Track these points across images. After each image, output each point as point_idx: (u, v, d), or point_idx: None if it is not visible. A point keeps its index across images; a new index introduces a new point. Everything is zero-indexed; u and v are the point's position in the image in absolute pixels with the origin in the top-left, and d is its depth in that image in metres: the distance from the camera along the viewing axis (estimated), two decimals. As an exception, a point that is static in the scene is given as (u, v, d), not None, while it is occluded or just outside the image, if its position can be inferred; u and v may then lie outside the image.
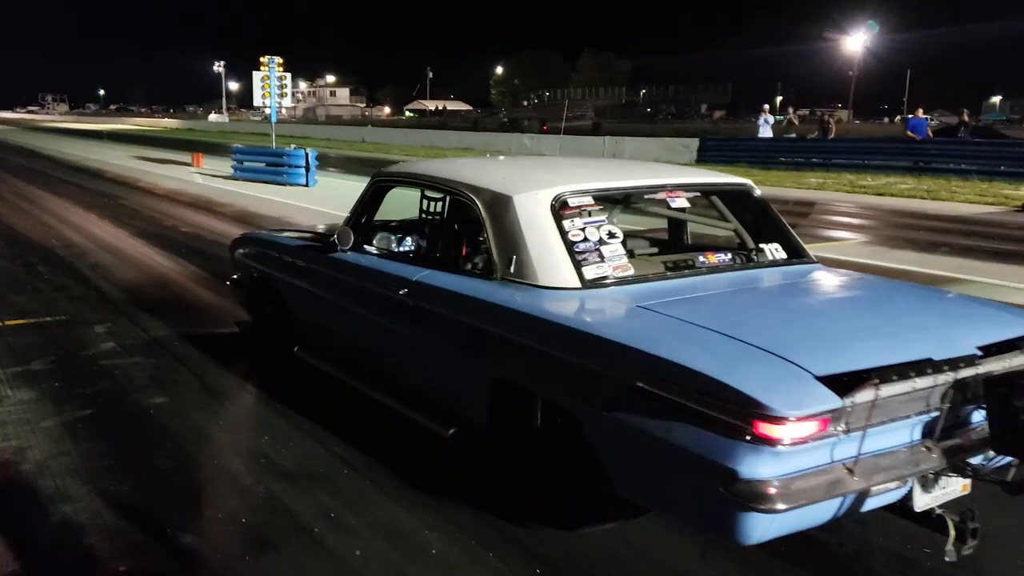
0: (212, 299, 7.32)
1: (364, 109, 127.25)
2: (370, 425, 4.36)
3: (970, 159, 20.81)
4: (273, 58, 20.48)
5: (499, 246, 3.55)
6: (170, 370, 5.28)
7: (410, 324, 3.87)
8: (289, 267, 4.96)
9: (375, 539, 3.24)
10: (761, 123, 26.45)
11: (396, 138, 41.70)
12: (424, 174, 4.30)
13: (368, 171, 22.16)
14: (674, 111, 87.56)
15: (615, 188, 4.01)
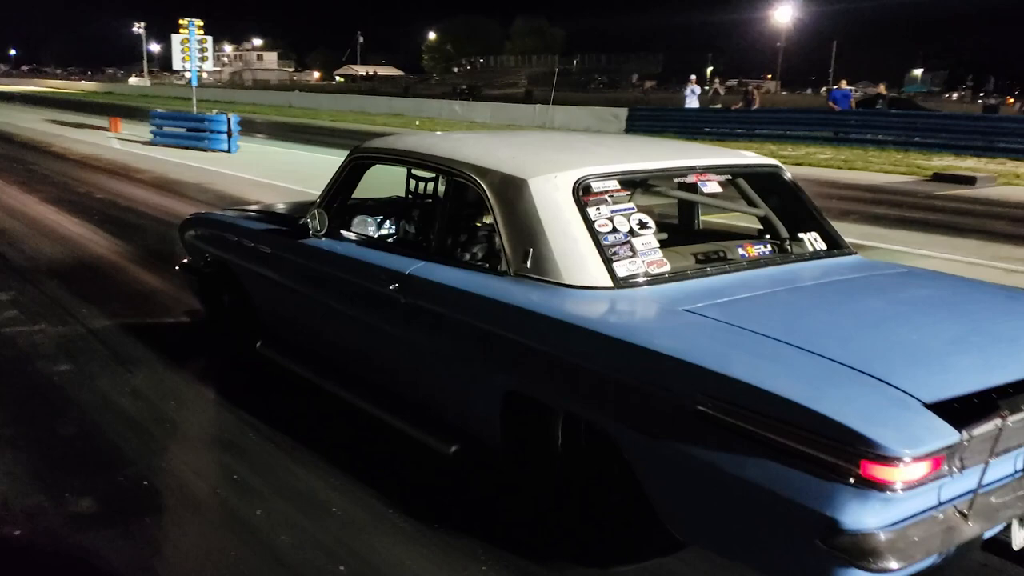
0: (124, 266, 7.18)
1: (292, 74, 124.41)
2: (285, 397, 4.39)
3: (887, 130, 21.53)
4: (193, 20, 19.93)
5: (511, 237, 3.09)
6: (77, 338, 5.20)
7: (401, 324, 3.39)
8: (251, 253, 4.38)
9: (277, 500, 3.29)
10: (688, 93, 26.83)
11: (325, 103, 41.00)
12: (415, 151, 3.79)
13: (295, 137, 22.07)
14: (606, 80, 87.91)
15: (642, 170, 3.46)
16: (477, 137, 4.44)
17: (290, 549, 2.94)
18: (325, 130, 26.04)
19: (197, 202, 10.91)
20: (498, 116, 30.44)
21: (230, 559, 2.88)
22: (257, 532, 3.05)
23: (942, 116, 24.80)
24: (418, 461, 3.55)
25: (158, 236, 8.63)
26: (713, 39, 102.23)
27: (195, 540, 3.02)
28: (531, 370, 2.89)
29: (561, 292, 2.89)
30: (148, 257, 7.56)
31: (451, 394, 3.32)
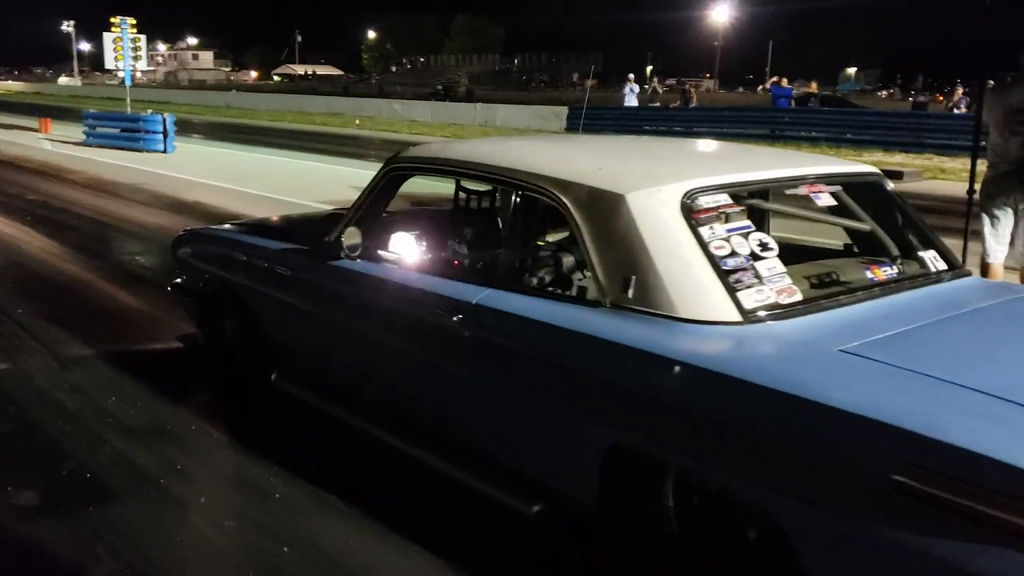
0: (59, 266, 7.10)
1: (229, 73, 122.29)
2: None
3: (820, 127, 22.18)
4: (125, 19, 19.54)
5: (605, 262, 2.63)
6: (12, 337, 5.16)
7: (466, 361, 2.94)
8: (265, 275, 3.88)
9: (220, 487, 3.36)
10: (627, 92, 27.21)
11: (263, 103, 40.46)
12: (469, 160, 3.33)
13: (233, 137, 21.82)
14: (547, 79, 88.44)
15: (752, 181, 2.98)
16: (542, 144, 3.95)
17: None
18: (264, 130, 25.76)
19: (133, 203, 10.78)
20: (439, 115, 30.47)
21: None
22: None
23: (873, 113, 25.69)
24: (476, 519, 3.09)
25: (93, 236, 8.54)
26: (652, 38, 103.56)
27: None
28: (644, 421, 2.44)
29: (680, 328, 2.42)
30: (85, 257, 7.49)
31: (530, 444, 2.83)
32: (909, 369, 2.14)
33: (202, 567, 2.86)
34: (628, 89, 27.16)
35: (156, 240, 8.39)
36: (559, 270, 3.26)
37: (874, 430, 1.93)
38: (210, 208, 10.23)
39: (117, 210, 10.19)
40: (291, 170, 14.95)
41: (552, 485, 2.80)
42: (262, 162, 16.24)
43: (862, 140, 20.62)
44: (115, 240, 8.52)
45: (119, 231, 8.94)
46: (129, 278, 6.78)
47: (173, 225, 9.09)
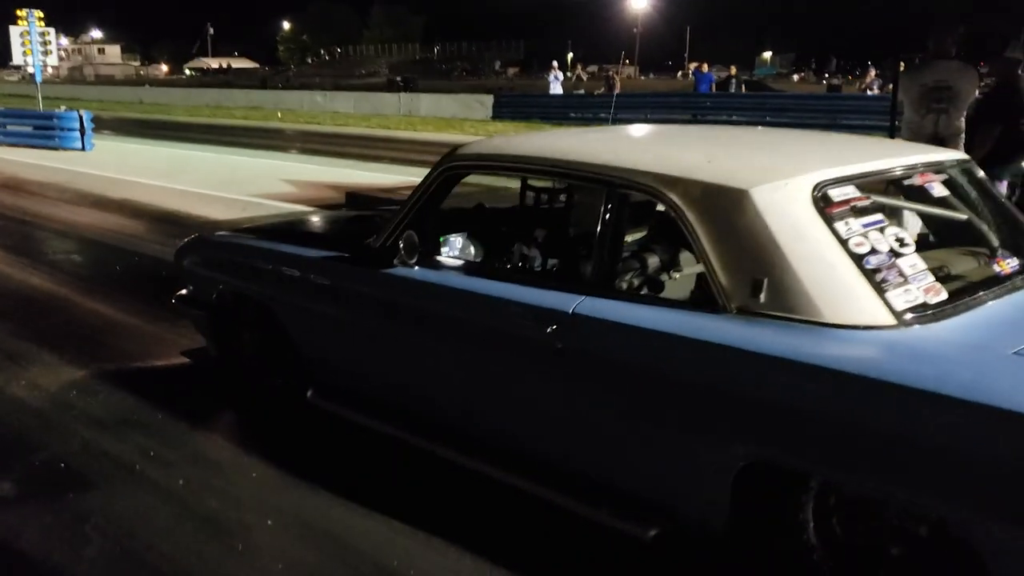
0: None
1: (139, 68, 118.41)
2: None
3: (740, 111, 22.92)
4: (32, 11, 18.86)
5: (728, 264, 2.41)
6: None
7: (560, 376, 2.71)
8: (298, 284, 3.61)
9: (196, 469, 3.45)
10: (552, 79, 27.51)
11: (178, 98, 39.44)
12: (546, 156, 3.05)
13: (150, 133, 21.33)
14: (469, 67, 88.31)
15: (874, 172, 2.76)
16: (627, 137, 3.55)
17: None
18: (182, 125, 25.18)
19: (58, 202, 10.54)
20: (361, 106, 30.23)
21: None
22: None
23: (790, 96, 26.65)
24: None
25: (22, 236, 8.36)
26: (572, 25, 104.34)
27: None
28: (792, 437, 2.26)
29: (828, 335, 2.23)
30: (20, 257, 7.36)
31: (645, 465, 2.63)
32: None
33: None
34: (553, 77, 27.46)
35: (87, 239, 8.29)
36: (651, 272, 3.06)
37: None
38: (140, 205, 10.08)
39: (42, 210, 9.95)
40: (218, 165, 14.73)
41: (671, 508, 2.60)
42: (186, 158, 15.95)
43: (780, 122, 21.35)
44: (47, 240, 8.36)
45: (47, 230, 8.76)
46: (64, 275, 6.70)
47: (104, 223, 8.99)
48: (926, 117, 6.27)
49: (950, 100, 6.39)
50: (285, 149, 17.35)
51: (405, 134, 21.29)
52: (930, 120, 6.26)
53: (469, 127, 22.45)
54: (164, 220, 9.11)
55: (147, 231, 8.57)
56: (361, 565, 2.79)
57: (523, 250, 3.41)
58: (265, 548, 2.90)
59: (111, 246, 7.92)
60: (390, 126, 23.44)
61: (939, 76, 6.48)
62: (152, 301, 5.82)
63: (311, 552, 2.87)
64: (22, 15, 19.14)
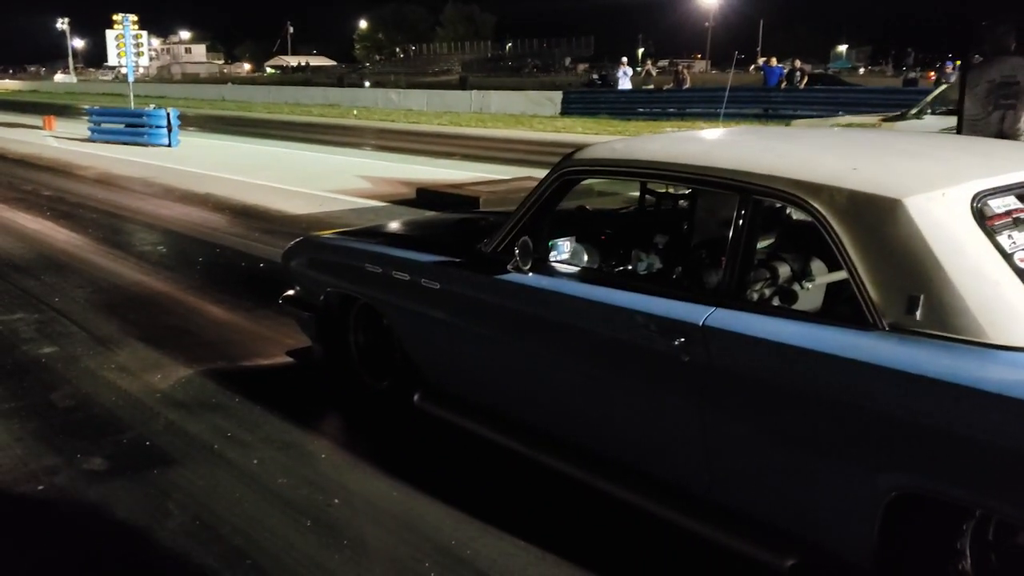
0: (84, 256, 7.39)
1: (222, 66, 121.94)
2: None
3: (812, 105, 22.40)
4: (127, 16, 19.75)
5: (880, 278, 2.29)
6: (54, 323, 5.45)
7: (688, 391, 2.61)
8: (407, 288, 3.58)
9: (270, 451, 3.66)
10: (620, 75, 27.40)
11: (258, 96, 40.56)
12: (672, 161, 2.94)
13: (232, 130, 22.04)
14: (539, 64, 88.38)
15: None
16: (761, 140, 3.47)
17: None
18: (262, 122, 25.94)
19: (146, 196, 11.04)
20: (434, 103, 30.65)
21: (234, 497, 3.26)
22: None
23: (864, 90, 25.97)
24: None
25: (113, 229, 8.81)
26: (642, 20, 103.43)
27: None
28: (952, 465, 2.11)
29: (994, 356, 2.09)
30: (108, 248, 7.79)
31: (783, 490, 2.50)
32: None
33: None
34: (621, 72, 27.34)
35: (172, 231, 8.69)
36: (782, 281, 2.93)
37: None
38: (222, 199, 10.50)
39: (131, 204, 10.46)
40: (295, 161, 15.20)
41: (812, 537, 2.46)
42: (265, 154, 16.49)
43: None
44: (135, 232, 8.79)
45: (136, 223, 9.21)
46: (151, 266, 7.06)
47: (187, 217, 9.40)
48: (992, 114, 6.15)
49: (1018, 96, 6.26)
50: (360, 146, 17.75)
51: (475, 131, 21.54)
52: (996, 117, 6.14)
53: (538, 124, 22.58)
54: (244, 214, 9.49)
55: (228, 224, 8.94)
56: (424, 545, 2.92)
57: (642, 256, 3.24)
58: (333, 525, 3.07)
59: (195, 239, 8.29)
60: (461, 123, 23.73)
61: (1006, 72, 6.35)
62: (235, 292, 6.12)
63: (374, 528, 3.04)
64: (118, 20, 20.05)
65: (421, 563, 2.82)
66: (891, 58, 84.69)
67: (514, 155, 15.09)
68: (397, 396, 3.86)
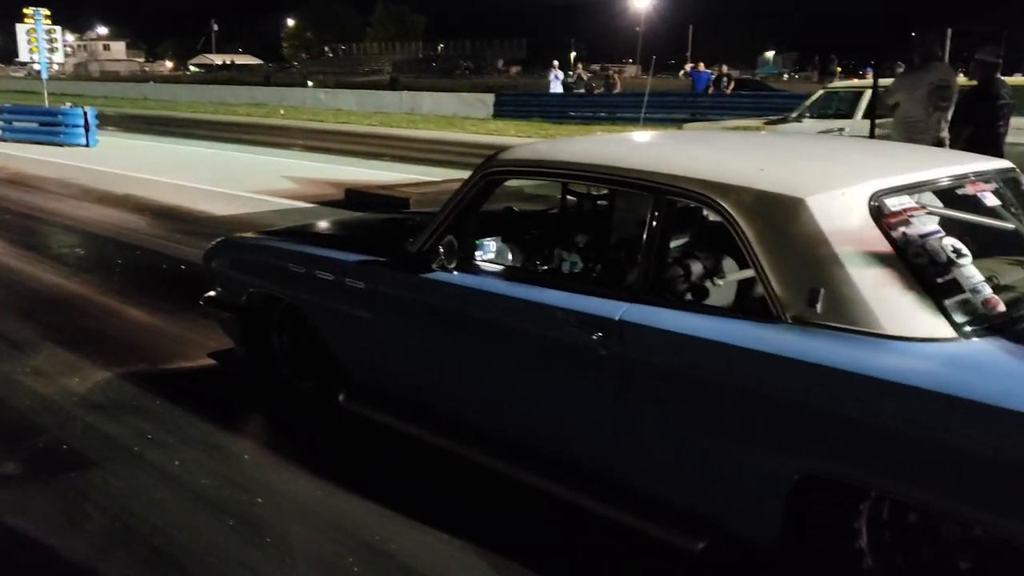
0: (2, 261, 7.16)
1: (143, 64, 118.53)
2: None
3: (739, 110, 22.94)
4: (39, 9, 19.08)
5: (784, 274, 2.41)
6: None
7: (607, 385, 2.70)
8: (333, 288, 3.59)
9: (192, 452, 3.62)
10: (552, 79, 27.65)
11: (182, 94, 39.61)
12: (592, 163, 3.03)
13: (155, 130, 21.51)
14: (471, 66, 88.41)
15: (928, 181, 2.75)
16: (676, 143, 3.63)
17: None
18: (186, 122, 25.36)
19: (63, 197, 10.72)
20: (364, 104, 30.42)
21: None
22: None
23: (787, 96, 26.70)
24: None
25: (28, 231, 8.54)
26: (575, 24, 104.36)
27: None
28: (851, 449, 2.24)
29: (889, 346, 2.21)
30: (27, 251, 7.55)
31: (695, 476, 2.61)
32: None
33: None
34: (553, 76, 27.59)
35: (90, 233, 8.46)
36: (695, 278, 3.03)
37: None
38: (143, 201, 10.25)
39: (47, 205, 10.14)
40: (220, 161, 14.93)
41: (721, 520, 2.58)
42: (189, 154, 16.15)
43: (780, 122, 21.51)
44: (52, 234, 8.53)
45: (52, 225, 8.93)
46: (68, 268, 6.88)
47: (106, 218, 9.17)
48: (932, 115, 6.52)
49: (950, 99, 6.66)
50: (287, 146, 17.52)
51: (406, 132, 21.46)
52: (935, 118, 6.51)
53: (470, 125, 22.63)
54: (165, 215, 9.30)
55: (149, 226, 8.74)
56: (348, 541, 2.95)
57: (564, 255, 3.37)
58: (257, 523, 3.07)
59: (114, 240, 8.09)
60: (391, 124, 23.62)
61: (942, 75, 6.73)
62: (156, 294, 6.01)
63: (299, 526, 3.05)
64: (28, 13, 19.35)
65: (345, 558, 2.84)
66: (816, 64, 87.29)
67: (445, 157, 15.10)
68: (322, 396, 3.85)
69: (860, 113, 10.82)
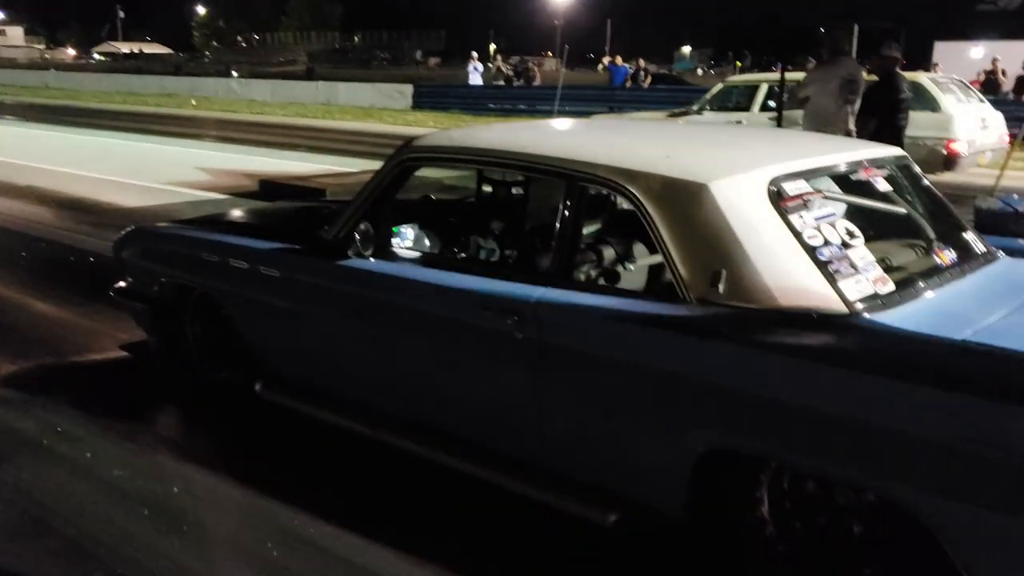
0: None
1: (44, 52, 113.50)
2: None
3: (654, 103, 23.26)
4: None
5: (688, 256, 2.50)
6: None
7: (522, 367, 2.75)
8: (247, 276, 3.55)
9: (104, 444, 3.56)
10: (471, 70, 27.62)
11: (87, 83, 38.07)
12: (506, 150, 3.07)
13: (58, 119, 20.66)
14: (389, 57, 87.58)
15: (824, 167, 2.90)
16: (588, 131, 3.67)
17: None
18: (92, 112, 24.43)
19: (-41, 188, 10.24)
20: (279, 94, 29.80)
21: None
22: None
23: (701, 90, 27.27)
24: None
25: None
26: (495, 16, 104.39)
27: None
28: (752, 423, 2.34)
29: (783, 324, 2.34)
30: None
31: (604, 454, 2.69)
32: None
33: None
34: (472, 67, 27.56)
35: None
36: (607, 263, 3.11)
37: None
38: (47, 192, 9.88)
39: (-58, 196, 9.69)
40: (128, 152, 14.46)
41: (634, 495, 2.67)
42: (95, 145, 15.59)
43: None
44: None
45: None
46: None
47: (7, 210, 8.85)
48: (842, 108, 6.83)
49: (857, 92, 6.99)
50: (200, 137, 17.09)
51: (322, 123, 21.18)
52: (845, 112, 6.82)
53: (388, 117, 22.46)
54: (72, 207, 8.99)
55: (55, 218, 8.45)
56: (266, 527, 2.95)
57: (480, 241, 3.41)
58: (173, 512, 3.05)
59: (17, 232, 7.79)
60: (307, 114, 23.26)
61: (850, 70, 7.06)
62: (64, 287, 5.83)
63: (216, 513, 3.05)
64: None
65: (264, 543, 2.85)
66: (731, 60, 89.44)
67: (363, 147, 14.96)
68: (238, 386, 3.82)
69: (757, 106, 11.30)
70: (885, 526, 2.36)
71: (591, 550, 2.80)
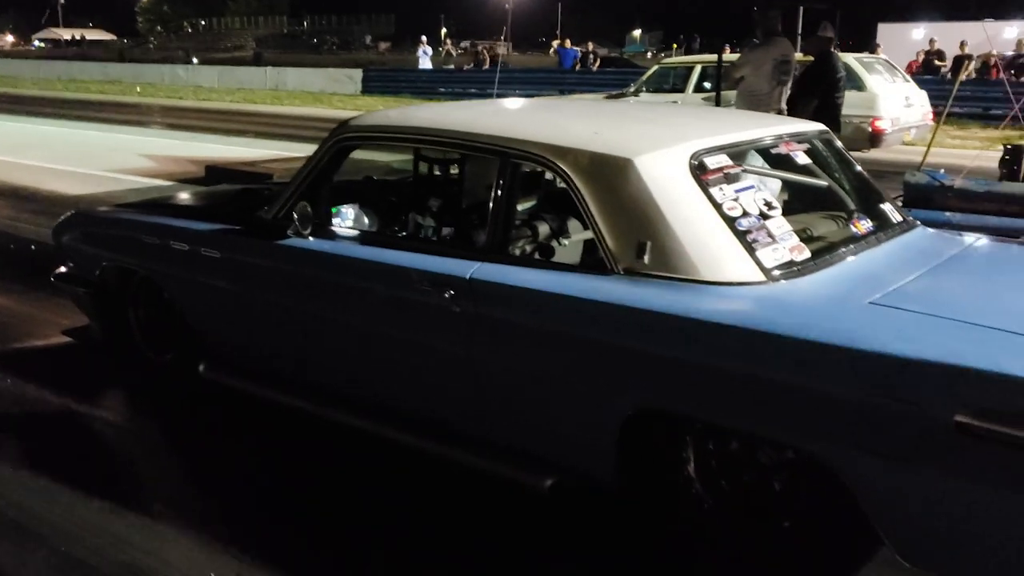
0: None
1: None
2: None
3: (603, 86, 23.42)
4: None
5: (614, 229, 2.61)
6: None
7: (461, 340, 2.82)
8: (187, 259, 3.57)
9: (48, 430, 3.56)
10: (421, 54, 27.48)
11: (26, 70, 37.02)
12: (442, 128, 3.16)
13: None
14: (338, 42, 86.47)
15: (744, 142, 3.03)
16: (521, 110, 3.76)
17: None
18: (32, 99, 23.79)
19: None
20: (226, 80, 29.35)
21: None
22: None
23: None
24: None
25: None
26: (445, 0, 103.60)
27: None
28: (674, 386, 2.48)
29: (706, 291, 2.45)
30: None
31: (538, 421, 2.81)
32: (941, 316, 2.27)
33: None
34: (422, 51, 27.43)
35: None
36: (542, 239, 3.18)
37: (938, 376, 2.03)
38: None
39: None
40: (71, 140, 14.16)
41: (567, 459, 2.79)
42: (36, 132, 15.25)
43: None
44: None
45: None
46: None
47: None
48: (776, 89, 6.97)
49: (790, 73, 7.15)
50: (145, 124, 16.82)
51: (270, 108, 20.95)
52: (778, 92, 6.97)
53: (338, 102, 22.29)
54: (11, 195, 8.83)
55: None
56: (216, 508, 3.00)
57: (418, 219, 3.47)
58: (121, 495, 3.06)
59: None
60: (255, 100, 22.98)
61: (783, 51, 7.21)
62: (3, 275, 5.75)
63: (166, 493, 3.06)
64: None
65: (213, 524, 2.89)
66: (681, 43, 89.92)
67: (312, 133, 14.79)
68: (181, 368, 3.84)
69: (691, 87, 11.55)
70: (803, 481, 2.49)
71: (527, 516, 2.89)
